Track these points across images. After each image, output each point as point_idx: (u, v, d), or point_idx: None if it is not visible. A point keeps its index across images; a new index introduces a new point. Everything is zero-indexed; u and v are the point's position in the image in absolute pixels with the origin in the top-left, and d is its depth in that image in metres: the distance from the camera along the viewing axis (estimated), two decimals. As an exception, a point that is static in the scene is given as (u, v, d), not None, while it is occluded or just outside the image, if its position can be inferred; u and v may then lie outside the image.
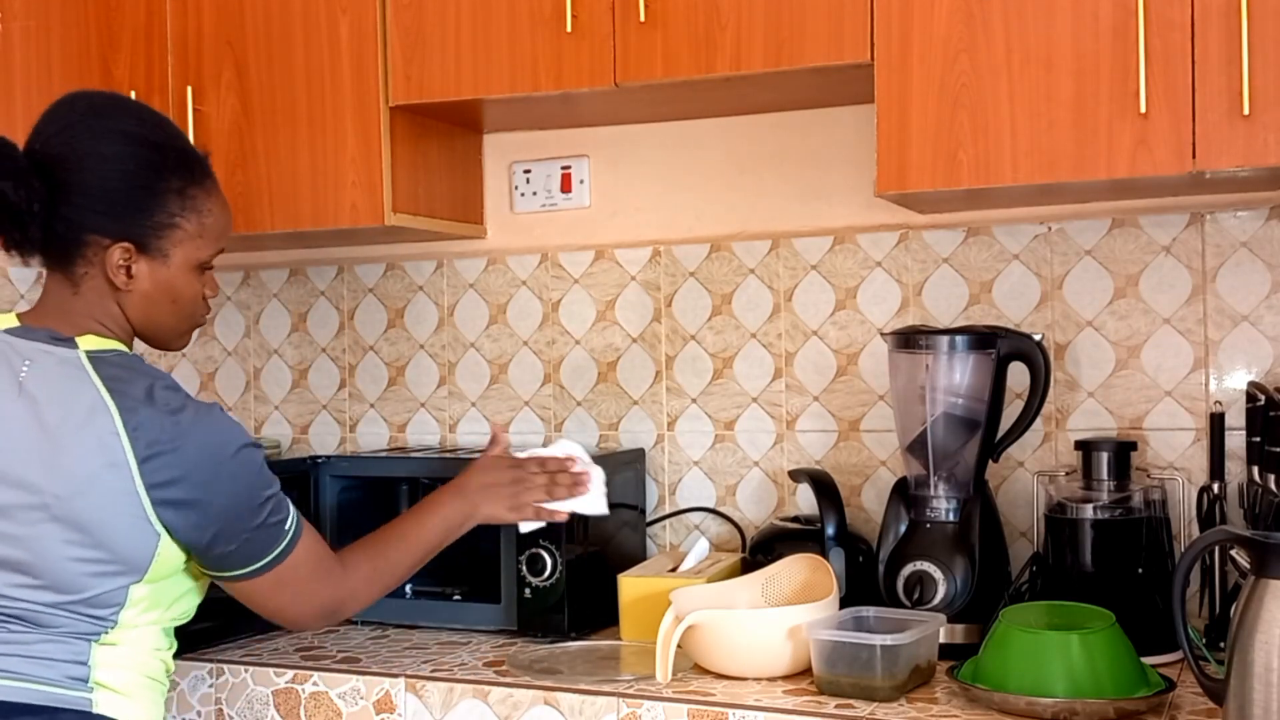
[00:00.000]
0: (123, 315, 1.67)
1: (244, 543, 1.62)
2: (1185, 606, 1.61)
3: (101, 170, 1.62)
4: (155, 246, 1.65)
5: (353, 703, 1.98)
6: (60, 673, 1.58)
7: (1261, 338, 2.13)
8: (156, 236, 1.64)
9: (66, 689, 1.58)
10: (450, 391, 2.68)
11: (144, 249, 1.64)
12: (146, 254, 1.64)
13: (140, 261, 1.64)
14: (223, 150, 2.40)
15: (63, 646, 1.59)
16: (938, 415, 2.07)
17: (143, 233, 1.63)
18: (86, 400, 1.56)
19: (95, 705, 1.59)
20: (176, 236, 1.66)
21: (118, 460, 1.54)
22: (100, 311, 1.66)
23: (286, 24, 2.36)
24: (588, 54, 2.13)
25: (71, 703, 1.58)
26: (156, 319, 1.69)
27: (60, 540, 1.55)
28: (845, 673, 1.79)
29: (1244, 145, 1.78)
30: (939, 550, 2.02)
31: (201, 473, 1.58)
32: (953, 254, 2.30)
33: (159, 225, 1.64)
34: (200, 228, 1.68)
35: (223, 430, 1.62)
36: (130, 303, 1.66)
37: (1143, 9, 1.81)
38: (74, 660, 1.59)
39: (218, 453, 1.60)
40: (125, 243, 1.63)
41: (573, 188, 2.56)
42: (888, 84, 1.96)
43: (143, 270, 1.65)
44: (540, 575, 2.13)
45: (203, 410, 1.61)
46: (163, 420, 1.56)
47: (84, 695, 1.59)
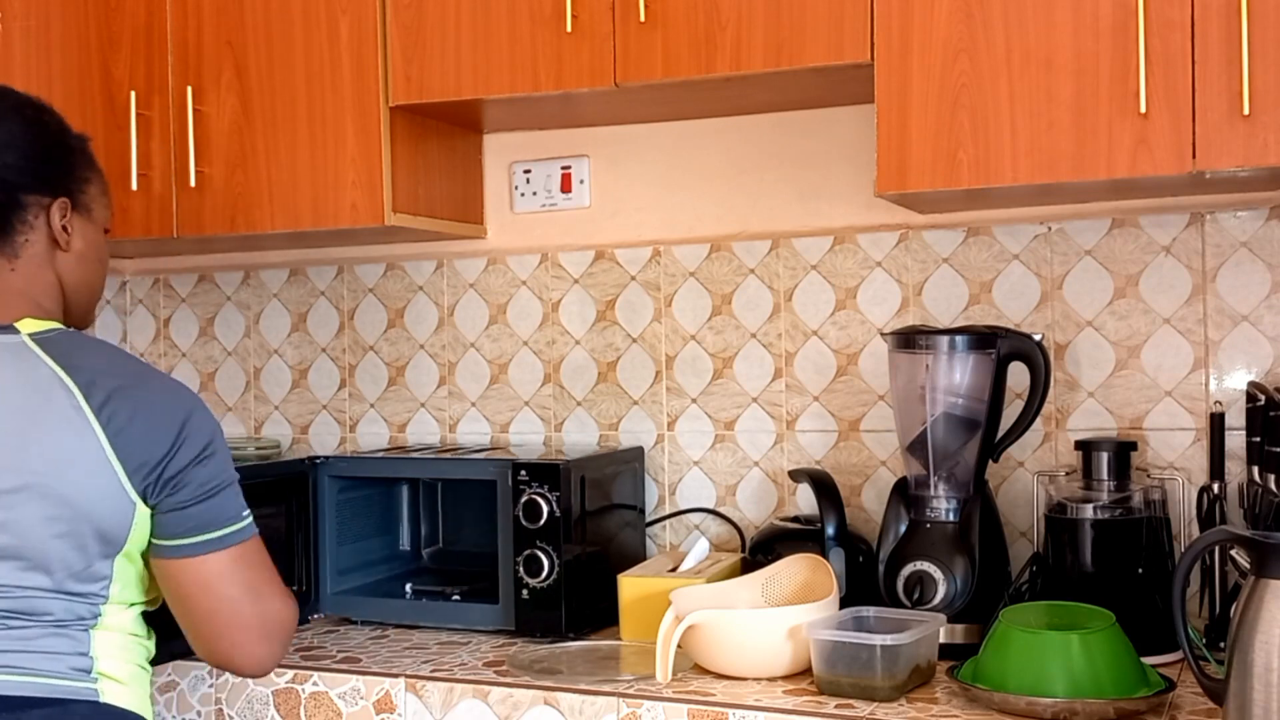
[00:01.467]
0: (58, 284, 1.70)
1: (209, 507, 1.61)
2: (1185, 606, 1.61)
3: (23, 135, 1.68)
4: (82, 203, 1.71)
5: (353, 703, 1.98)
6: (66, 665, 1.60)
7: (1261, 338, 2.13)
8: (81, 191, 1.71)
9: (73, 680, 1.60)
10: (450, 391, 2.68)
11: (75, 205, 1.70)
12: (78, 211, 1.71)
13: (74, 218, 1.70)
14: (223, 150, 2.40)
15: (64, 640, 1.60)
16: (938, 415, 2.07)
17: (73, 189, 1.70)
18: (44, 380, 1.58)
19: (102, 695, 1.61)
20: (92, 192, 1.73)
21: (85, 433, 1.56)
22: (38, 284, 1.68)
23: (286, 24, 2.36)
24: (588, 54, 2.13)
25: (80, 694, 1.60)
26: (89, 282, 1.75)
27: (42, 517, 1.56)
28: (845, 673, 1.79)
29: (1244, 145, 1.78)
30: (939, 550, 2.03)
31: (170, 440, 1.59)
32: (953, 254, 2.30)
33: (80, 180, 1.72)
34: (102, 185, 1.76)
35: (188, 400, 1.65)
36: (67, 267, 1.71)
37: (1143, 9, 1.81)
38: (77, 652, 1.61)
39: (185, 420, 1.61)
40: (62, 198, 1.69)
41: (573, 188, 2.56)
42: (888, 84, 1.96)
43: (77, 228, 1.71)
44: (537, 576, 2.13)
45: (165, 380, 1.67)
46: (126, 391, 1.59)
47: (90, 686, 1.61)
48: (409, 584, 2.36)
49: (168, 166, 2.44)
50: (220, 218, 2.42)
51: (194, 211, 2.43)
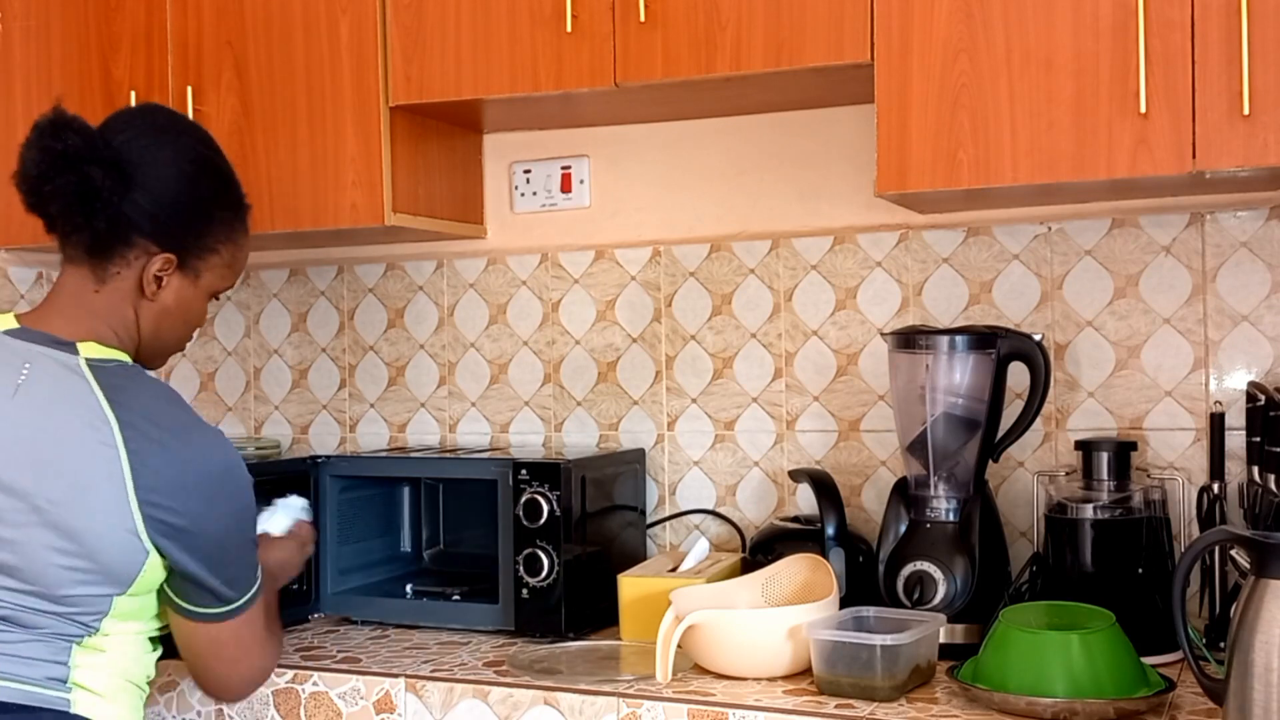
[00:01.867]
0: (135, 324, 1.69)
1: (226, 579, 1.63)
2: (1185, 606, 1.61)
3: (172, 181, 1.67)
4: (192, 266, 1.70)
5: (353, 703, 1.98)
6: (41, 673, 1.58)
7: (1261, 338, 2.13)
8: (197, 257, 1.70)
9: (45, 689, 1.58)
10: (450, 391, 2.68)
11: (183, 265, 1.69)
12: (182, 270, 1.69)
13: (175, 276, 1.69)
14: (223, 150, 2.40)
15: (44, 646, 1.59)
16: (938, 415, 2.07)
17: (188, 250, 1.69)
18: (86, 409, 1.56)
19: (73, 705, 1.59)
20: (212, 261, 1.72)
21: (114, 474, 1.54)
22: (115, 315, 1.67)
23: (286, 24, 2.36)
24: (588, 54, 2.13)
25: (50, 702, 1.58)
26: (164, 335, 1.73)
27: (49, 546, 1.55)
28: (845, 673, 1.79)
29: (1244, 145, 1.78)
30: (939, 550, 2.02)
31: (199, 502, 1.59)
32: (953, 254, 2.30)
33: (203, 248, 1.70)
34: (232, 259, 1.75)
35: (225, 461, 1.63)
36: (148, 314, 1.69)
37: (1143, 9, 1.81)
38: (54, 660, 1.59)
39: (218, 484, 1.61)
40: (170, 254, 1.67)
41: (573, 188, 2.56)
42: (888, 84, 1.96)
43: (173, 285, 1.69)
44: (537, 576, 2.13)
45: (208, 435, 1.63)
46: (164, 440, 1.57)
47: (62, 695, 1.59)
48: (409, 584, 2.36)
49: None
50: (220, 218, 2.41)
51: (194, 211, 2.43)
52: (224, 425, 2.88)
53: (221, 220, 1.72)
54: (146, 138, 1.67)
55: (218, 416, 2.89)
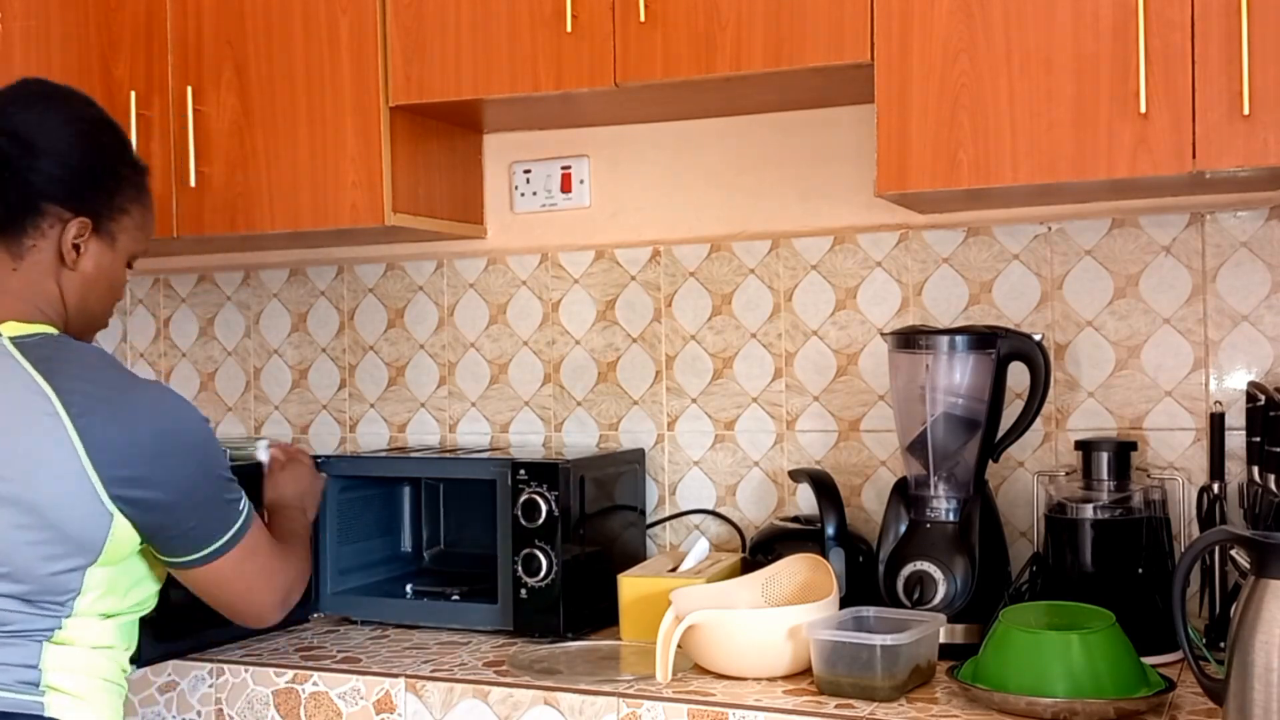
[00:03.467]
0: (59, 297, 1.67)
1: (202, 521, 1.62)
2: (1185, 606, 1.61)
3: (73, 141, 1.65)
4: (107, 229, 1.68)
5: (353, 703, 1.98)
6: (12, 677, 1.57)
7: (1261, 338, 2.13)
8: (110, 219, 1.68)
9: (18, 693, 1.57)
10: (450, 391, 2.68)
11: (98, 229, 1.67)
12: (98, 235, 1.67)
13: (92, 241, 1.67)
14: (223, 150, 2.40)
15: (14, 650, 1.57)
16: (938, 415, 2.07)
17: (100, 213, 1.67)
18: (21, 386, 1.55)
19: (47, 708, 1.58)
20: (125, 223, 1.71)
21: (62, 442, 1.52)
22: (37, 291, 1.65)
23: (286, 24, 2.36)
24: (588, 54, 2.13)
25: (23, 706, 1.57)
26: (91, 305, 1.71)
27: (13, 525, 1.54)
28: (845, 673, 1.79)
29: (1244, 145, 1.78)
30: (939, 550, 2.02)
31: (155, 456, 1.57)
32: (953, 254, 2.30)
33: (115, 208, 1.69)
34: (142, 220, 1.74)
35: (175, 410, 1.62)
36: (71, 284, 1.67)
37: (1143, 9, 1.81)
38: (25, 664, 1.57)
39: (171, 435, 1.60)
40: (84, 218, 1.65)
41: (573, 188, 2.56)
42: (888, 84, 1.96)
43: (92, 251, 1.67)
44: (537, 576, 2.13)
45: (150, 390, 1.62)
46: (108, 401, 1.56)
47: (36, 699, 1.57)
48: (409, 584, 2.36)
49: (168, 166, 2.43)
50: (220, 218, 2.42)
51: (194, 211, 2.43)
52: (224, 425, 2.88)
53: (128, 179, 1.71)
54: (35, 107, 1.66)
55: (218, 416, 2.89)
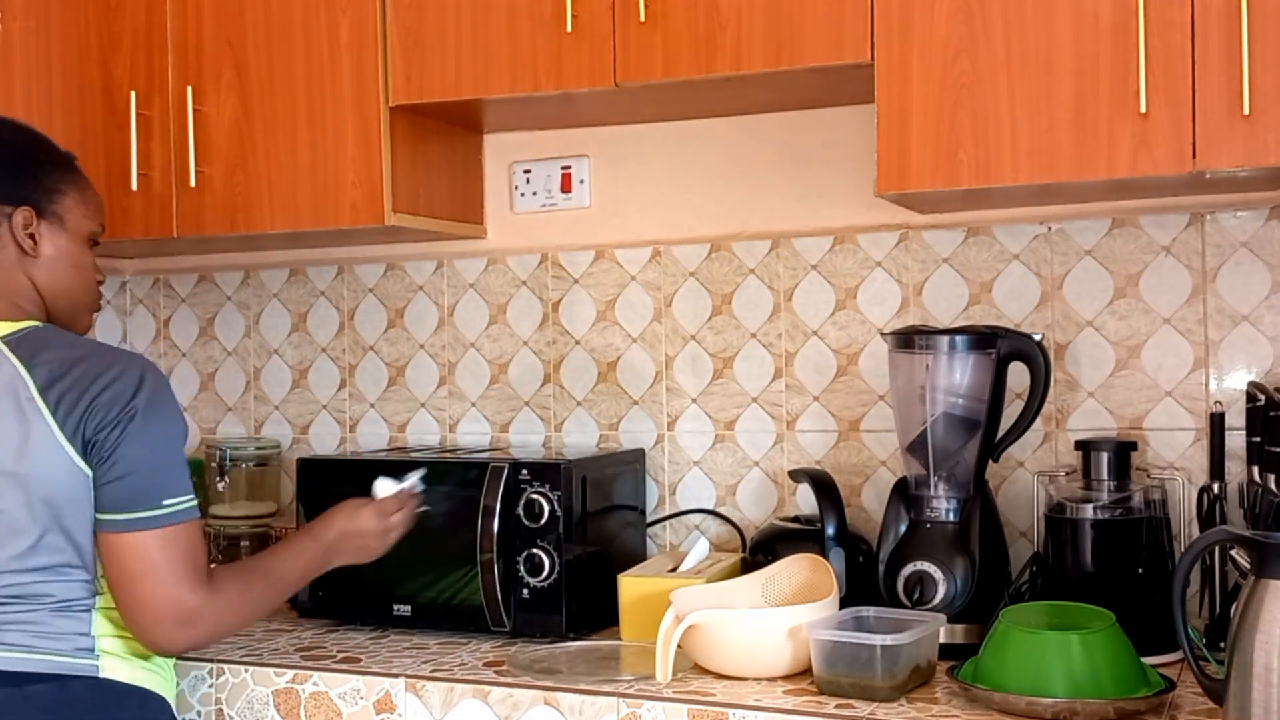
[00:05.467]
0: (32, 287, 1.81)
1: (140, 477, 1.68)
2: (1185, 606, 1.61)
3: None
4: (51, 211, 1.82)
5: (353, 703, 1.98)
6: (69, 644, 1.71)
7: (1261, 338, 2.13)
8: (50, 201, 1.81)
9: (75, 658, 1.71)
10: (450, 391, 2.68)
11: (42, 213, 1.81)
12: (45, 218, 1.81)
13: (41, 225, 1.80)
14: (223, 150, 2.40)
15: (68, 620, 1.71)
16: (938, 415, 2.07)
17: (37, 197, 1.81)
18: (5, 378, 1.69)
19: (102, 670, 1.72)
20: (66, 202, 1.83)
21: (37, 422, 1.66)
22: (10, 286, 1.79)
23: (286, 24, 2.36)
24: (588, 54, 2.13)
25: (80, 670, 1.71)
26: (65, 287, 1.83)
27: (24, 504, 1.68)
28: (845, 673, 1.79)
29: (1244, 145, 1.78)
30: (939, 550, 2.02)
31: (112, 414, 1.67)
32: (953, 254, 2.30)
33: (49, 190, 1.82)
34: (83, 198, 1.86)
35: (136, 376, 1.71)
36: (39, 271, 1.81)
37: (1143, 9, 1.81)
38: (78, 632, 1.72)
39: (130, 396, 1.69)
40: (25, 207, 1.79)
41: (573, 188, 2.56)
42: (888, 84, 1.96)
43: (44, 234, 1.81)
44: (537, 576, 2.13)
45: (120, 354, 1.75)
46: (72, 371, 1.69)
47: (91, 663, 1.72)
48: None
49: (168, 166, 2.44)
50: (220, 218, 2.42)
51: (194, 211, 2.43)
52: (224, 425, 2.89)
53: (52, 164, 1.84)
54: None
55: (218, 416, 2.89)
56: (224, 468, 2.67)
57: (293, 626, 2.30)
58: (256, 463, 2.73)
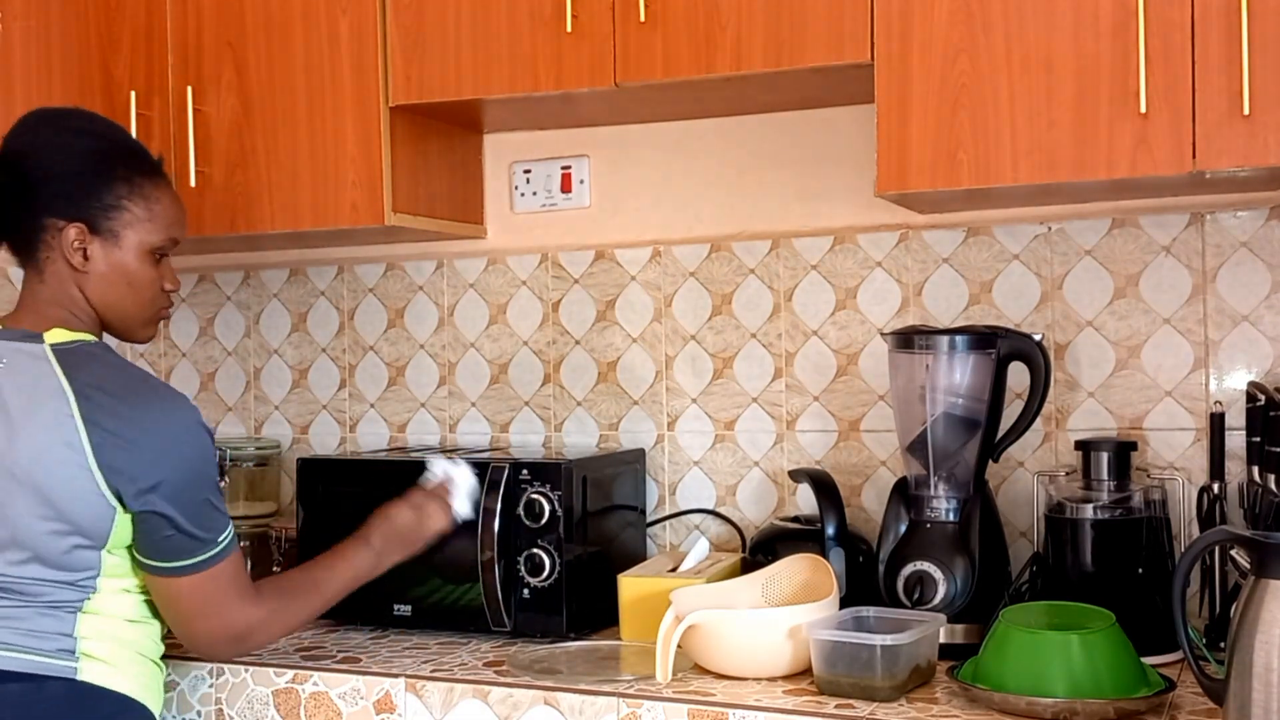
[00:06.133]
0: (84, 300, 1.80)
1: (185, 532, 1.72)
2: (1185, 606, 1.61)
3: (56, 159, 1.78)
4: (106, 228, 1.79)
5: (353, 703, 1.98)
6: (51, 644, 1.71)
7: (1261, 338, 2.13)
8: (106, 217, 1.79)
9: (54, 659, 1.71)
10: (450, 391, 2.68)
11: (95, 230, 1.78)
12: (99, 235, 1.78)
13: (94, 243, 1.78)
14: (223, 150, 2.40)
15: (51, 620, 1.71)
16: (938, 415, 2.07)
17: (93, 214, 1.78)
18: (49, 388, 1.69)
19: (80, 673, 1.72)
20: (125, 219, 1.80)
21: (72, 441, 1.66)
22: (64, 297, 1.79)
23: (286, 24, 2.36)
24: (588, 54, 2.13)
25: (58, 671, 1.71)
26: (115, 302, 1.82)
27: (34, 515, 1.68)
28: (845, 673, 1.79)
29: (1244, 145, 1.78)
30: (939, 550, 2.02)
31: (151, 459, 1.68)
32: (953, 254, 2.30)
33: (107, 207, 1.78)
34: (149, 213, 1.82)
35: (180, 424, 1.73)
36: (90, 286, 1.80)
37: (1143, 9, 1.81)
38: (61, 633, 1.71)
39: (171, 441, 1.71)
40: (78, 223, 1.77)
41: (573, 188, 2.56)
42: (888, 84, 1.96)
43: (97, 251, 1.79)
44: (537, 576, 2.13)
45: (165, 398, 1.75)
46: (116, 404, 1.69)
47: (70, 664, 1.71)
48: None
49: (168, 167, 2.43)
50: (220, 218, 2.42)
51: (194, 211, 2.41)
52: (224, 425, 2.88)
53: (120, 178, 1.80)
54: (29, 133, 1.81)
55: (218, 416, 2.89)
56: (224, 468, 2.67)
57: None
58: (256, 463, 2.73)
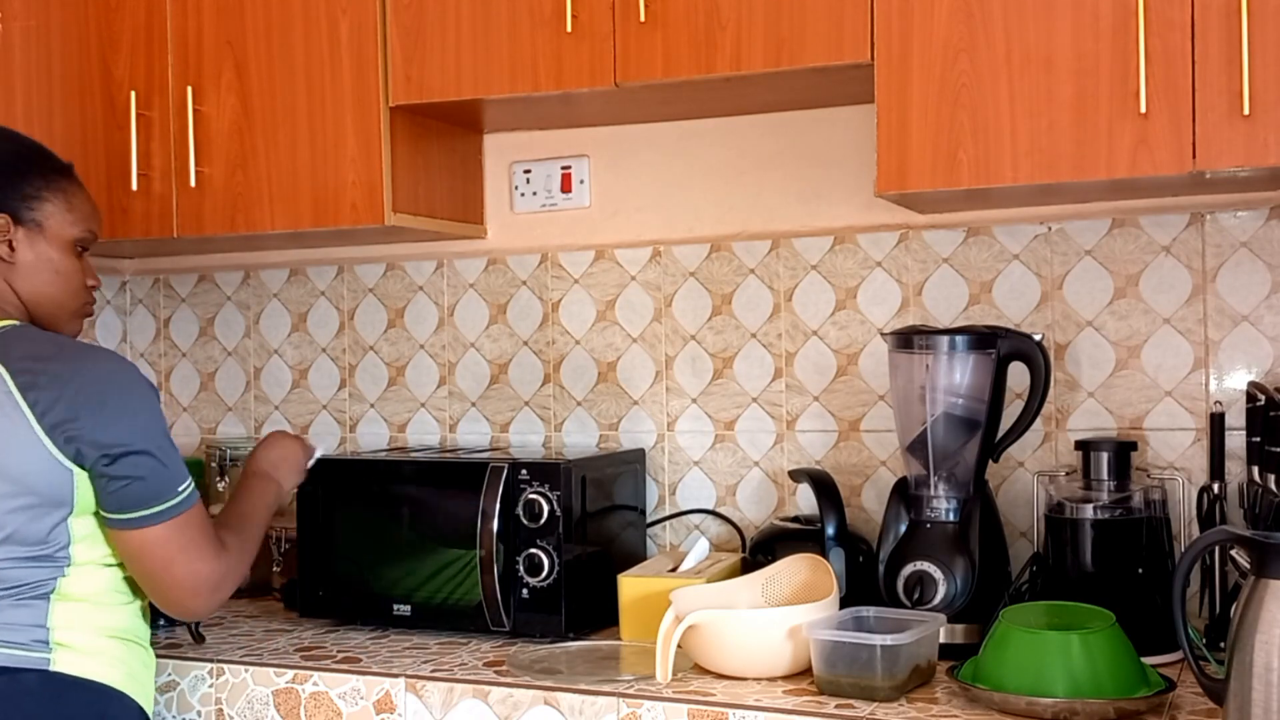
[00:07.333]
0: (13, 293, 1.83)
1: (144, 478, 1.72)
2: (1185, 606, 1.61)
3: None
4: (29, 218, 1.84)
5: (353, 703, 1.98)
6: (25, 635, 1.71)
7: (1261, 338, 2.13)
8: (27, 208, 1.83)
9: (28, 650, 1.71)
10: (450, 391, 2.68)
11: (19, 220, 1.83)
12: (22, 225, 1.83)
13: (18, 233, 1.83)
14: (223, 150, 2.40)
15: (24, 610, 1.72)
16: (938, 415, 2.07)
17: (14, 204, 1.83)
18: None
19: (53, 664, 1.72)
20: (46, 210, 1.85)
21: (14, 413, 1.68)
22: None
23: (286, 24, 2.36)
24: (588, 54, 2.13)
25: (33, 663, 1.71)
26: (44, 293, 1.85)
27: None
28: (845, 673, 1.79)
29: (1244, 145, 1.78)
30: (939, 550, 2.02)
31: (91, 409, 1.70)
32: (953, 254, 2.30)
33: (27, 197, 1.84)
34: (67, 204, 1.87)
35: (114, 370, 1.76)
36: (17, 277, 1.83)
37: (1143, 9, 1.81)
38: (34, 624, 1.72)
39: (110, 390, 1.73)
40: (2, 214, 1.82)
41: (573, 188, 2.56)
42: (888, 84, 1.96)
43: (22, 242, 1.83)
44: (537, 576, 2.13)
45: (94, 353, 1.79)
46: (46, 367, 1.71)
47: (43, 655, 1.72)
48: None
49: (168, 166, 2.44)
50: (220, 218, 2.42)
51: (194, 211, 2.43)
52: (224, 425, 2.89)
53: (35, 173, 1.85)
54: None
55: (218, 416, 2.89)
56: (224, 468, 2.67)
57: (293, 626, 2.30)
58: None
